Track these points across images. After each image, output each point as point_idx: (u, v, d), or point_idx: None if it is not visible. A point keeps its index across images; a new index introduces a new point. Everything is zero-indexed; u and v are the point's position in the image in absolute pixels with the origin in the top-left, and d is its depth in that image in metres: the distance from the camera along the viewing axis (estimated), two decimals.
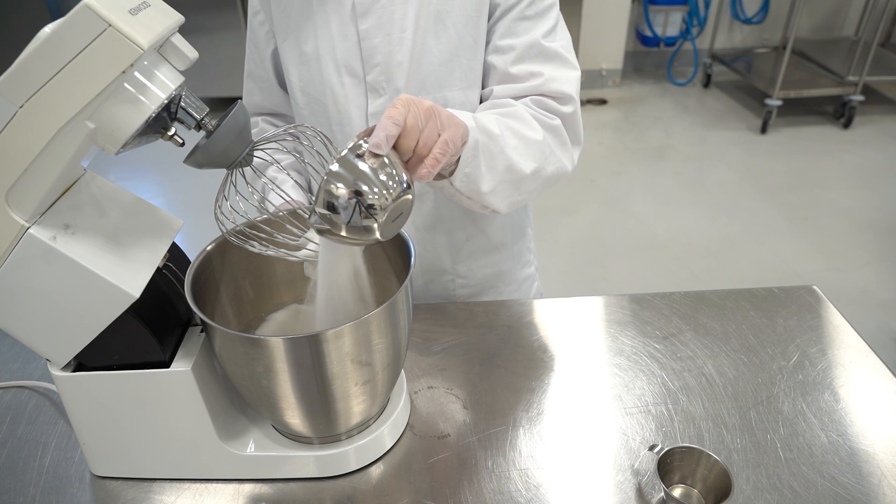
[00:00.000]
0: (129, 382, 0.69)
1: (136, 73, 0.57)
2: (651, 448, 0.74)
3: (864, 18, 4.24)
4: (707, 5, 4.35)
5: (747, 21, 4.44)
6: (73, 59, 0.52)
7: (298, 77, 0.95)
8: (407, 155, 0.66)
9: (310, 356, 0.65)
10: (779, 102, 3.64)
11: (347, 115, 0.94)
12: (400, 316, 0.70)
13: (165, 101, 0.58)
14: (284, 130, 0.69)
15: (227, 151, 0.63)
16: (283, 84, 1.04)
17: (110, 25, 0.51)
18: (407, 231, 0.74)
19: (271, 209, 0.75)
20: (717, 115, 4.01)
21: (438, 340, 0.97)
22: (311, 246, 0.72)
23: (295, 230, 0.73)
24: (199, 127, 0.63)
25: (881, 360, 0.92)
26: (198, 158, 0.63)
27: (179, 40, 0.61)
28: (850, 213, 3.00)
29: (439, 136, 0.67)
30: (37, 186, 0.59)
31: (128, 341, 0.67)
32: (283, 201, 0.83)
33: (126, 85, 0.56)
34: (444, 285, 1.08)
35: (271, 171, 1.01)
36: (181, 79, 0.61)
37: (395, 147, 0.64)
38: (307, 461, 0.75)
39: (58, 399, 0.88)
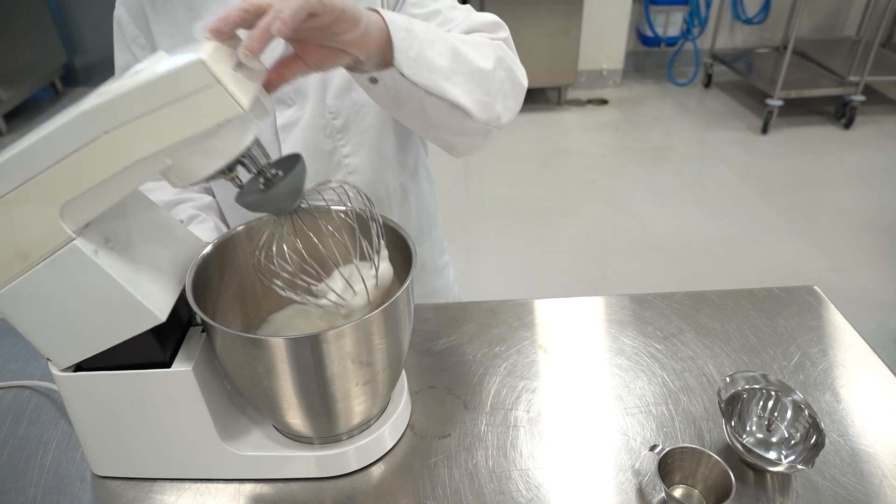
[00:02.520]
0: (130, 382, 0.69)
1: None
2: (652, 448, 0.74)
3: (865, 18, 4.24)
4: (708, 5, 4.35)
5: (748, 21, 4.44)
6: (173, 103, 0.54)
7: None
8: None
9: (311, 356, 0.65)
10: (780, 102, 3.64)
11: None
12: (401, 316, 0.70)
13: (243, 152, 0.61)
14: (325, 186, 0.70)
15: (284, 203, 0.65)
16: None
17: (219, 83, 0.53)
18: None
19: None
20: (717, 116, 4.01)
21: (439, 340, 0.97)
22: (331, 296, 0.71)
23: (311, 279, 0.72)
24: (260, 173, 0.64)
25: (882, 360, 0.92)
26: (254, 204, 0.64)
27: (263, 94, 0.63)
28: (850, 213, 3.00)
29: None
30: (95, 205, 0.60)
31: (129, 341, 0.67)
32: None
33: (215, 134, 0.58)
34: None
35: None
36: (258, 130, 0.63)
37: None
38: (308, 461, 0.75)
39: (59, 399, 0.88)
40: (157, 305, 0.65)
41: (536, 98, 4.24)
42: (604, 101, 4.25)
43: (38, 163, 0.56)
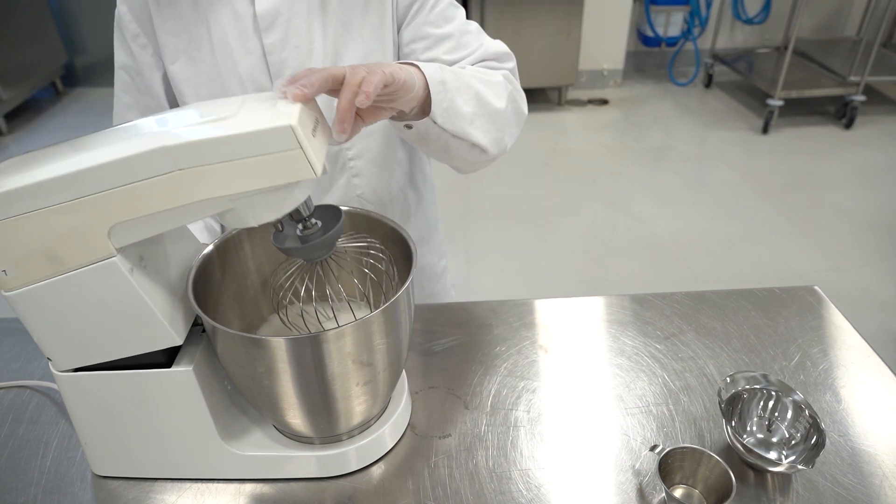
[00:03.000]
0: (131, 382, 0.69)
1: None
2: (652, 448, 0.74)
3: (865, 18, 4.24)
4: (708, 5, 4.35)
5: (749, 21, 4.44)
6: (255, 157, 0.56)
7: (198, 98, 0.92)
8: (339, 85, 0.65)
9: (311, 356, 0.65)
10: (780, 102, 3.63)
11: None
12: (401, 316, 0.70)
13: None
14: (358, 238, 0.75)
15: (317, 255, 0.69)
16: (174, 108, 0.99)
17: (301, 148, 0.56)
18: None
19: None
20: (718, 116, 4.01)
21: (440, 341, 0.97)
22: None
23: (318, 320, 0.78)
24: (300, 221, 0.67)
25: (882, 360, 0.92)
26: (290, 251, 0.67)
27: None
28: (851, 213, 3.00)
29: (367, 73, 0.66)
30: (144, 231, 0.61)
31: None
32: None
33: (281, 188, 0.61)
34: None
35: None
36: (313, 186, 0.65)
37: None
38: (308, 461, 0.75)
39: (59, 399, 0.88)
40: (177, 328, 0.67)
41: (537, 98, 4.24)
42: (604, 101, 4.25)
43: (102, 182, 0.57)
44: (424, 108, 0.79)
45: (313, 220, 0.67)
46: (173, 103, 0.98)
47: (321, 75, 0.63)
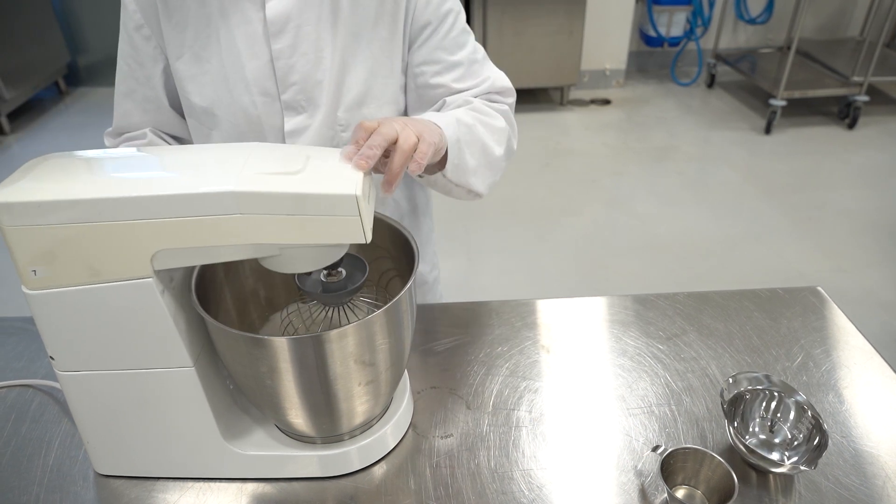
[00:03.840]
0: (134, 382, 0.69)
1: None
2: (654, 449, 0.74)
3: (869, 19, 4.23)
4: (711, 5, 4.34)
5: (751, 21, 4.43)
6: (315, 216, 0.59)
7: (201, 97, 0.92)
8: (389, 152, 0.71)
9: (313, 356, 0.65)
10: (783, 103, 3.63)
11: (261, 135, 0.92)
12: (403, 316, 0.70)
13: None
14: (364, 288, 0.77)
15: (335, 302, 0.74)
16: (173, 103, 0.98)
17: (359, 216, 0.59)
18: None
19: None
20: (720, 116, 4.01)
21: (441, 341, 0.97)
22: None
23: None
24: (328, 269, 0.71)
25: (885, 361, 0.92)
26: (312, 294, 0.71)
27: None
28: (854, 213, 2.99)
29: (417, 138, 0.73)
30: (186, 259, 0.62)
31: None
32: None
33: (328, 247, 0.65)
34: None
35: None
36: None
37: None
38: (310, 461, 0.75)
39: (62, 398, 0.88)
40: (191, 349, 0.68)
41: (539, 98, 4.24)
42: (606, 102, 4.24)
43: (161, 210, 0.58)
44: (440, 163, 0.84)
45: (339, 269, 0.71)
46: (172, 97, 0.97)
47: (380, 141, 0.67)
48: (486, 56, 1.00)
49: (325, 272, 0.71)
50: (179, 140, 1.03)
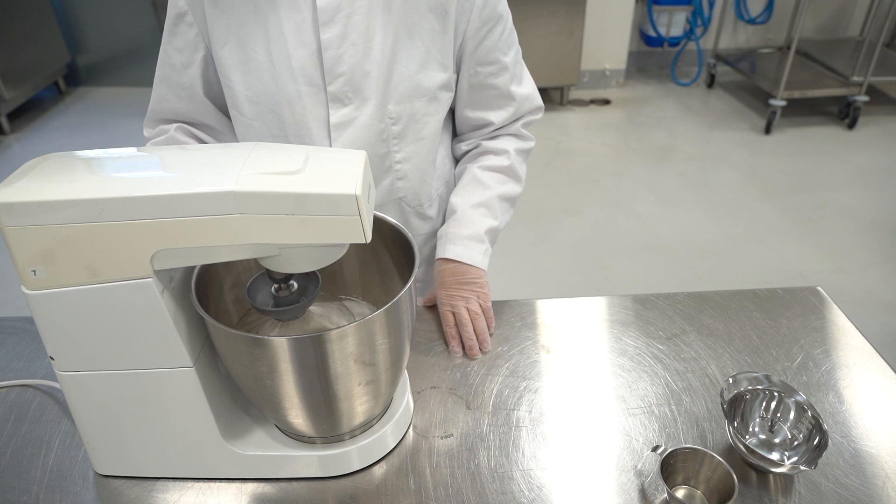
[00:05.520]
0: (134, 382, 0.69)
1: None
2: (654, 449, 0.74)
3: (868, 19, 4.23)
4: (711, 5, 4.34)
5: (751, 21, 4.43)
6: (315, 215, 0.59)
7: (245, 86, 0.91)
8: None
9: (313, 356, 0.65)
10: (783, 103, 3.63)
11: (306, 125, 0.91)
12: (403, 316, 0.70)
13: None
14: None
15: (285, 318, 0.74)
16: (208, 93, 0.98)
17: (359, 216, 0.59)
18: None
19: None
20: (720, 116, 4.01)
21: (441, 341, 0.97)
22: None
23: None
24: (278, 282, 0.69)
25: (886, 361, 0.92)
26: (264, 310, 0.70)
27: None
28: (854, 213, 2.99)
29: (481, 306, 0.96)
30: (186, 259, 0.62)
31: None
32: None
33: (327, 247, 0.64)
34: None
35: None
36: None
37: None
38: (310, 461, 0.75)
39: (61, 398, 0.88)
40: (192, 350, 0.68)
41: None
42: (607, 102, 4.24)
43: (160, 210, 0.58)
44: None
45: (290, 282, 0.69)
46: (209, 86, 0.96)
47: (469, 332, 0.94)
48: (520, 53, 1.02)
49: (275, 286, 0.70)
50: (215, 132, 1.03)
